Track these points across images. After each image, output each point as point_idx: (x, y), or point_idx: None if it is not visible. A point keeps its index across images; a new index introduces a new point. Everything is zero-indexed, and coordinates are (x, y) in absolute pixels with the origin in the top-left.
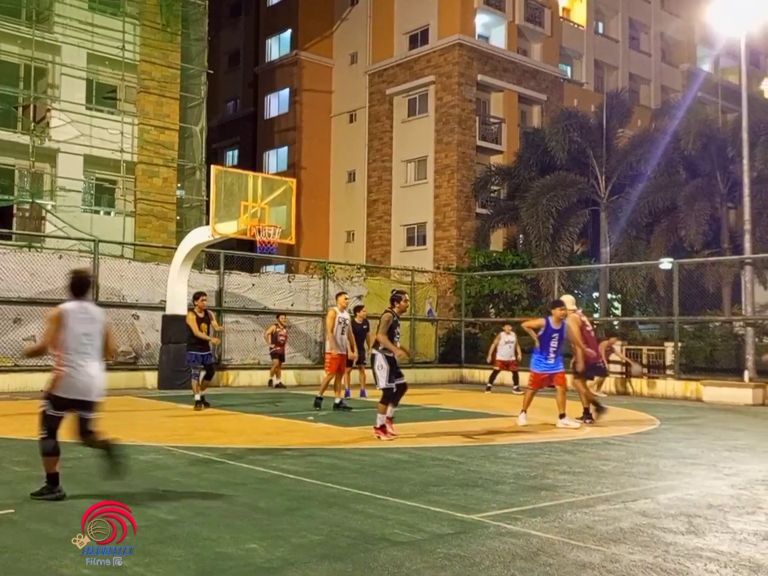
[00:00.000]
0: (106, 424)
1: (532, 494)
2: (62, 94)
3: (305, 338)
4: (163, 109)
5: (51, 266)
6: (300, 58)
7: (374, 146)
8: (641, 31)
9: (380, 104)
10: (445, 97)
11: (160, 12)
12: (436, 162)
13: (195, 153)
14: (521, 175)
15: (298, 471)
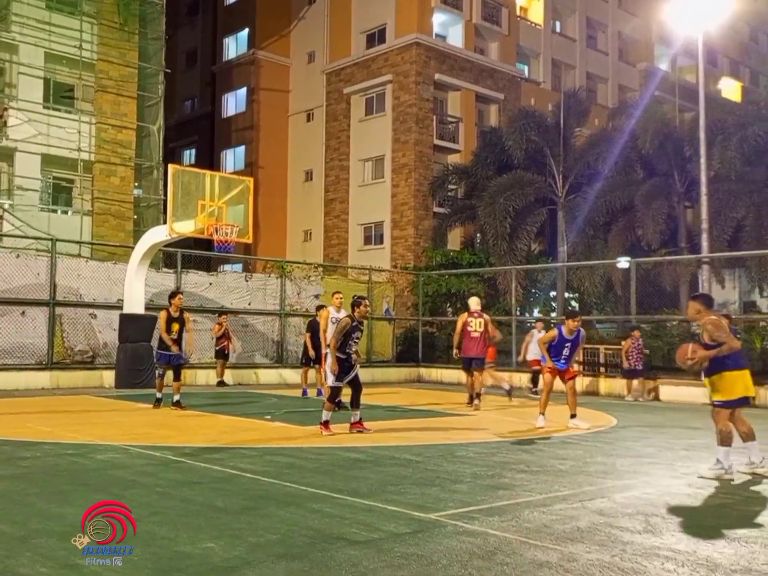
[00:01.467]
0: (63, 422)
1: (489, 493)
2: (19, 93)
3: (263, 337)
4: (121, 108)
5: (8, 265)
6: (257, 57)
7: (331, 145)
8: (599, 30)
9: (337, 103)
10: (403, 96)
11: (117, 11)
12: (394, 161)
13: (152, 152)
14: (479, 174)
15: (256, 470)
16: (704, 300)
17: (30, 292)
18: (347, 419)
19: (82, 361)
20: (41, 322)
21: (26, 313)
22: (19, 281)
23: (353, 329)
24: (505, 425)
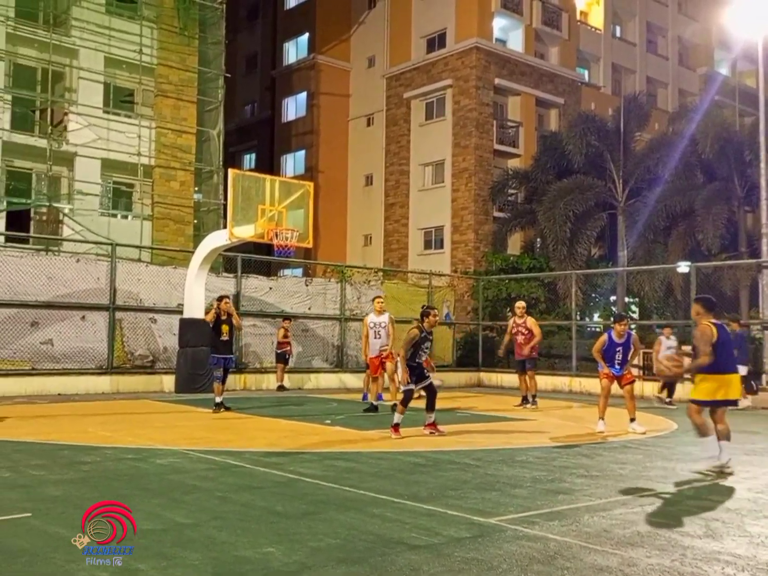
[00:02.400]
0: (123, 426)
1: (549, 498)
2: (80, 98)
3: (322, 342)
4: (181, 113)
5: (68, 270)
6: (317, 62)
7: (392, 150)
8: (659, 34)
9: (398, 108)
10: (463, 101)
11: (177, 15)
12: (454, 165)
13: (212, 156)
14: (538, 179)
15: (316, 474)
16: (705, 303)
17: (90, 297)
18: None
19: (141, 366)
20: (101, 327)
21: (86, 318)
22: (80, 286)
23: (422, 340)
24: (565, 429)
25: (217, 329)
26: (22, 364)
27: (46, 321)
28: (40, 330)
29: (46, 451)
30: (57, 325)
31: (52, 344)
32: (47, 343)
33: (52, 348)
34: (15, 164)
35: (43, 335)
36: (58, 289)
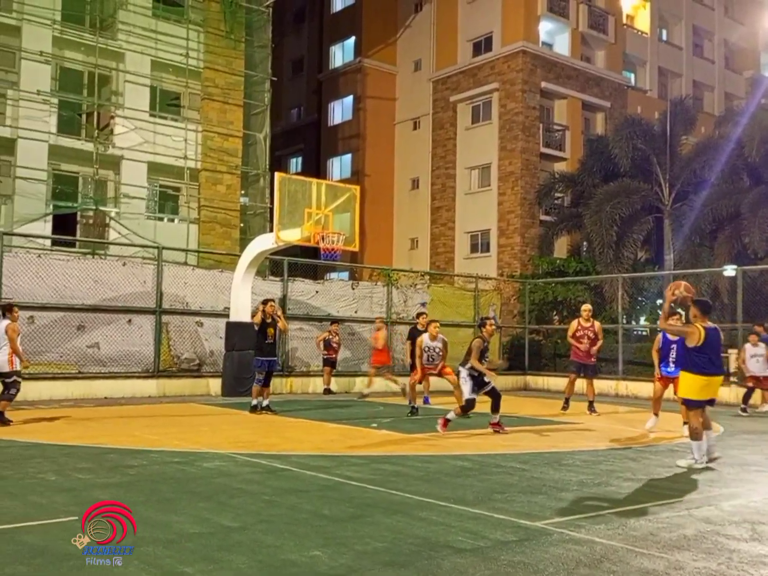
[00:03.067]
0: (169, 430)
1: (595, 501)
2: (126, 101)
3: (369, 345)
4: (227, 116)
5: (115, 273)
6: (364, 65)
7: (438, 153)
8: (705, 38)
9: (444, 111)
10: (509, 105)
11: (223, 19)
12: (500, 169)
13: (259, 160)
14: (585, 182)
15: (362, 478)
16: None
17: (136, 300)
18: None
19: (188, 369)
20: (147, 330)
21: (133, 321)
22: (126, 289)
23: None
24: (611, 433)
25: (263, 332)
26: (69, 368)
27: (93, 324)
28: (87, 333)
29: (93, 455)
30: (103, 328)
31: (98, 348)
32: (93, 346)
33: (98, 351)
34: (62, 168)
35: (89, 339)
36: (105, 292)
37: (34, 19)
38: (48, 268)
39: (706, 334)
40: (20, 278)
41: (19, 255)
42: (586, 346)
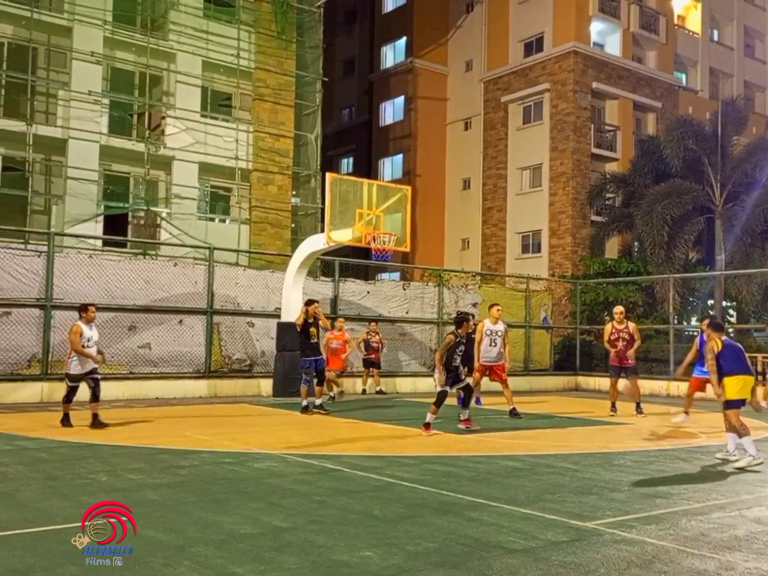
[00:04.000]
0: (221, 430)
1: (646, 502)
2: (177, 102)
3: (420, 346)
4: (278, 117)
5: (166, 274)
6: (415, 66)
7: (489, 154)
8: (756, 38)
9: (495, 112)
10: (560, 105)
11: (274, 20)
12: (551, 169)
13: (310, 160)
14: (636, 183)
15: (413, 478)
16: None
17: (187, 301)
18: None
19: (239, 370)
20: (199, 331)
21: (184, 322)
22: (177, 290)
23: (456, 345)
24: (662, 433)
25: (306, 332)
26: (120, 368)
27: (144, 325)
28: (138, 334)
29: (144, 455)
30: (154, 329)
31: (149, 348)
32: (145, 347)
33: (149, 352)
34: (113, 168)
35: (140, 339)
36: (156, 292)
37: (85, 20)
38: (99, 268)
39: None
40: (71, 279)
41: (71, 255)
42: (621, 349)
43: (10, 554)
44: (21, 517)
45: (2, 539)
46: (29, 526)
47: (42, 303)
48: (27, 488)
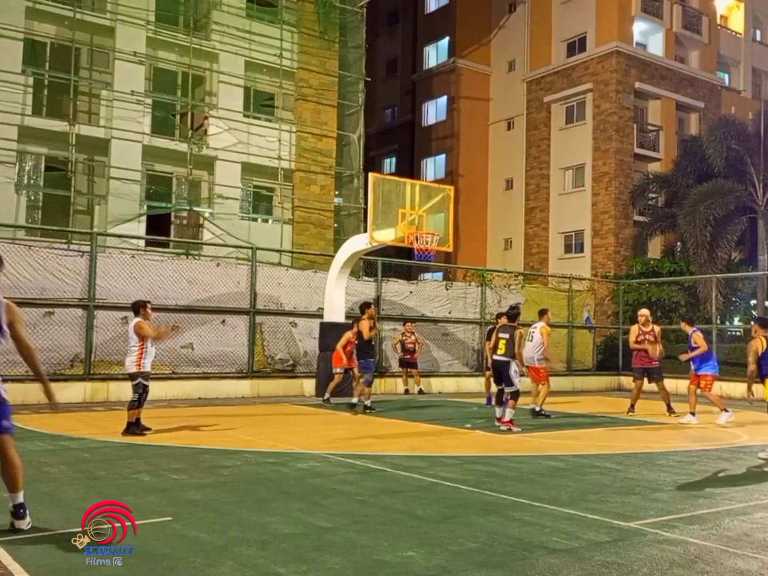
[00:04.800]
0: (264, 430)
1: (689, 502)
2: (220, 102)
3: (463, 346)
4: (321, 117)
5: (208, 274)
6: (457, 66)
7: (532, 154)
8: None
9: (538, 112)
10: (603, 105)
11: (317, 20)
12: (594, 169)
13: (352, 160)
14: (679, 183)
15: (456, 478)
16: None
17: (230, 301)
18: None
19: (282, 370)
20: (241, 331)
21: (226, 322)
22: (220, 290)
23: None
24: (705, 434)
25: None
26: (163, 368)
27: (187, 325)
28: (180, 334)
29: (187, 455)
30: (197, 329)
31: (192, 348)
32: (187, 347)
33: (192, 352)
34: (155, 168)
35: (183, 339)
36: (198, 293)
37: (128, 20)
38: (142, 268)
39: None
40: (114, 279)
41: (113, 255)
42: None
43: (52, 554)
44: (63, 517)
45: (45, 538)
46: (71, 527)
47: (85, 303)
48: (69, 488)
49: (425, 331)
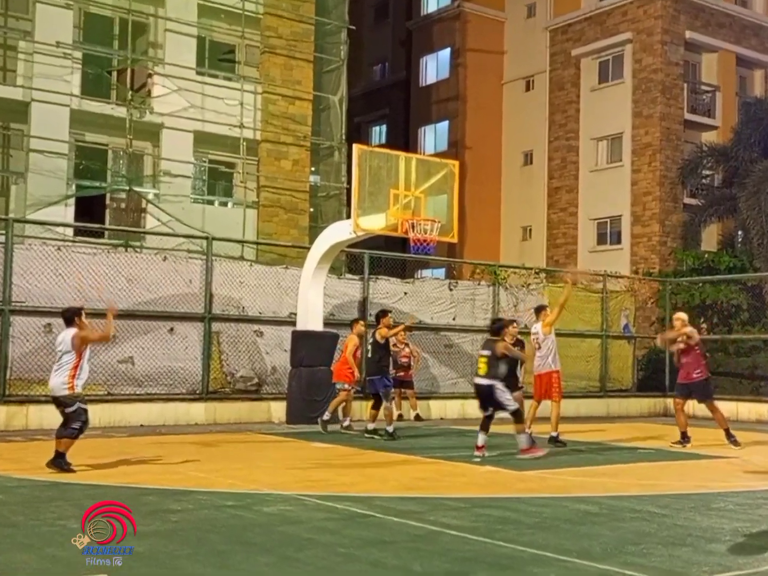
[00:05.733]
0: (221, 466)
1: (753, 555)
2: (167, 56)
3: (470, 360)
4: (293, 75)
5: (153, 270)
6: (463, 11)
7: (556, 120)
8: None
9: (564, 68)
10: (645, 60)
11: None
12: (634, 140)
13: (333, 129)
14: (740, 157)
15: (462, 526)
16: None
17: (180, 304)
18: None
19: (244, 390)
20: (194, 341)
21: (175, 330)
22: (167, 290)
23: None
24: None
25: (387, 347)
26: (96, 389)
27: (125, 334)
28: (118, 345)
29: (126, 497)
30: (139, 339)
31: (132, 363)
32: (126, 361)
33: (132, 368)
34: (86, 139)
35: (121, 352)
36: (140, 294)
37: None
38: (69, 263)
39: None
40: (35, 276)
41: (34, 247)
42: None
43: None
44: None
45: None
46: None
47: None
48: None
49: (423, 341)
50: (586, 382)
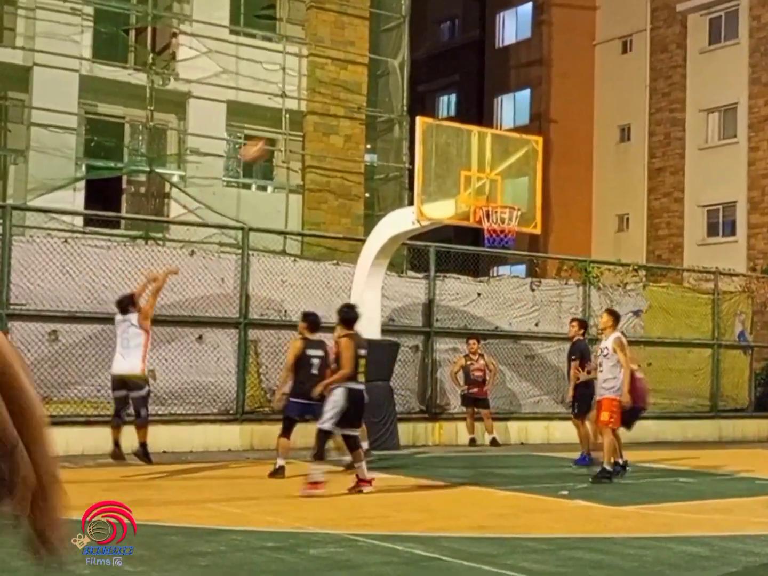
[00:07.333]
0: (263, 501)
1: None
2: (195, 12)
3: (556, 375)
4: (345, 34)
5: (178, 267)
6: None
7: (659, 88)
8: None
9: (668, 26)
10: (765, 16)
11: None
12: (752, 112)
13: (392, 99)
14: None
15: (546, 571)
16: None
17: (210, 307)
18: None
19: None
20: (227, 352)
21: (204, 338)
22: (195, 291)
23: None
24: None
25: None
26: (110, 407)
27: None
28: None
29: (146, 537)
30: (161, 348)
31: (153, 377)
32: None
33: (153, 383)
34: (99, 110)
35: None
36: (163, 295)
37: None
38: (79, 259)
39: None
40: (38, 274)
41: (37, 240)
42: None
43: None
44: None
45: None
46: None
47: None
48: None
49: (500, 352)
50: (694, 400)
